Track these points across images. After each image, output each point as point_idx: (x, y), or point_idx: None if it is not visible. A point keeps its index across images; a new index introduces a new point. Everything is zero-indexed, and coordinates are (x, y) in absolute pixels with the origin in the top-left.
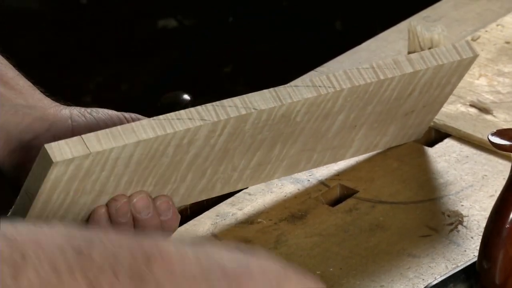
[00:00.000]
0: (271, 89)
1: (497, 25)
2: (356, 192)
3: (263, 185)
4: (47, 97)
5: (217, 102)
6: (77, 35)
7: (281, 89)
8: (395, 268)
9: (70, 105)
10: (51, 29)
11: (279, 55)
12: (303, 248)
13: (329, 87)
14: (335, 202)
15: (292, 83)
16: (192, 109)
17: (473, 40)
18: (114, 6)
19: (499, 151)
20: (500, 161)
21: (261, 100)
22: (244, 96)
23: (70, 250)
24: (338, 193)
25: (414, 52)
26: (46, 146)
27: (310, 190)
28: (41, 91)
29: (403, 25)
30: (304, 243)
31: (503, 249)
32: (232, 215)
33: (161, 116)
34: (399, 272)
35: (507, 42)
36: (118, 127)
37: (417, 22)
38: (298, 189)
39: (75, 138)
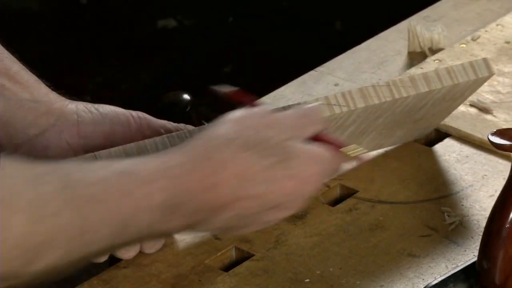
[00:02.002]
0: (285, 106)
1: (497, 25)
2: (356, 192)
3: None
4: (52, 91)
5: None
6: (77, 35)
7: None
8: (395, 268)
9: (76, 100)
10: (51, 29)
11: (279, 55)
12: (303, 248)
13: (343, 106)
14: (335, 202)
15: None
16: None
17: (473, 40)
18: (114, 6)
19: (499, 151)
20: (500, 161)
21: None
22: None
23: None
24: (338, 193)
25: (414, 52)
26: None
27: None
28: (46, 85)
29: (403, 25)
30: (304, 243)
31: (503, 249)
32: None
33: None
34: (399, 272)
35: (507, 42)
36: None
37: (417, 22)
38: None
39: None
